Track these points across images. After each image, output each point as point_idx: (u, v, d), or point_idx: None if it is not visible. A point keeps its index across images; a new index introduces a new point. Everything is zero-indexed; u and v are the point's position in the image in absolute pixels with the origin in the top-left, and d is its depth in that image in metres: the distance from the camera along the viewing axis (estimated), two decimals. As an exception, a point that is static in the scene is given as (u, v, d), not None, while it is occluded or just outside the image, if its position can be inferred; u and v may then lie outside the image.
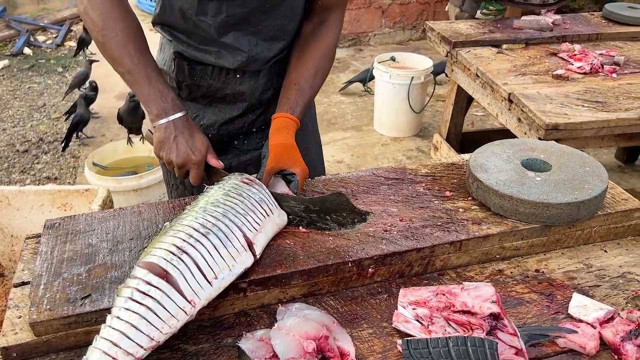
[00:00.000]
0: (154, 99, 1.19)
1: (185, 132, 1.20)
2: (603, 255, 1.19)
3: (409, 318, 0.99)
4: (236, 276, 0.99)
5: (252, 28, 1.29)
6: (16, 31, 5.94)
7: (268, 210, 1.12)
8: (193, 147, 1.20)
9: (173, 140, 1.19)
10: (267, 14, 1.28)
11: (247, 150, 1.47)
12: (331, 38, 1.38)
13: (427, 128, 4.10)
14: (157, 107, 1.19)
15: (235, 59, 1.32)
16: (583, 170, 1.25)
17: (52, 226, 1.17)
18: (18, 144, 3.90)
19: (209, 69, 1.36)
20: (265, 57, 1.35)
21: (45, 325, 0.93)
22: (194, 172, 1.22)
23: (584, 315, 1.00)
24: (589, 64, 2.42)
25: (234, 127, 1.44)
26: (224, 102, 1.41)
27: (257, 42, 1.32)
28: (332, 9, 1.37)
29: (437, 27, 2.90)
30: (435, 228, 1.15)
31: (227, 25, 1.27)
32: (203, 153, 1.21)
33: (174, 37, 1.35)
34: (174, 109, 1.20)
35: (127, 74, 1.21)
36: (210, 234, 0.98)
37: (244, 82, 1.38)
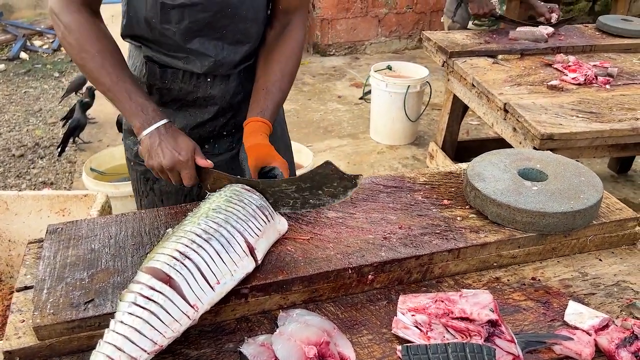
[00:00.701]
0: (136, 113, 1.22)
1: (169, 136, 1.22)
2: (598, 264, 1.21)
3: (408, 324, 1.00)
4: (238, 281, 1.00)
5: (217, 33, 1.32)
6: (13, 36, 5.94)
7: (269, 216, 1.13)
8: (178, 148, 1.21)
9: (158, 145, 1.21)
10: (229, 18, 1.31)
11: (218, 153, 1.48)
12: (295, 41, 1.41)
13: (423, 136, 4.13)
14: (140, 120, 1.22)
15: (202, 64, 1.35)
16: (578, 180, 1.27)
17: (54, 231, 1.18)
18: (14, 148, 3.90)
19: (179, 73, 1.38)
20: (232, 60, 1.37)
21: (48, 330, 0.94)
22: (185, 172, 1.22)
23: (580, 323, 1.02)
24: (583, 75, 2.45)
25: (204, 131, 1.46)
26: (194, 105, 1.43)
27: (223, 47, 1.35)
28: (293, 12, 1.41)
29: (433, 37, 2.94)
30: (434, 236, 1.17)
31: (192, 32, 1.30)
32: (189, 152, 1.22)
33: (143, 44, 1.38)
34: (156, 119, 1.23)
35: (107, 92, 1.24)
36: (213, 239, 0.99)
37: (215, 85, 1.40)
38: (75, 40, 1.23)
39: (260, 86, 1.37)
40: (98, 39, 1.24)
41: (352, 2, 5.56)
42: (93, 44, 1.23)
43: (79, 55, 1.23)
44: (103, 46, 1.24)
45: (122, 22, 1.36)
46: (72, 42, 1.23)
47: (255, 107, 1.35)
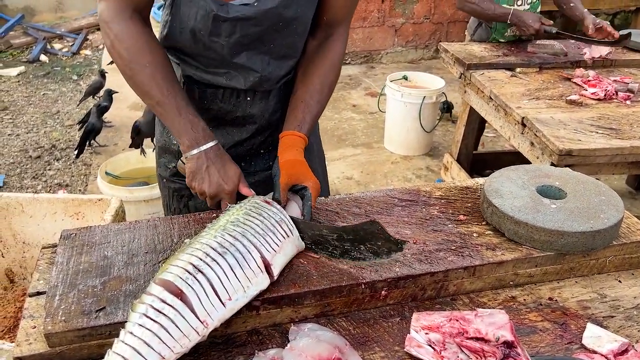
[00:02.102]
0: (185, 130, 1.19)
1: (218, 161, 1.20)
2: (617, 286, 1.18)
3: (422, 343, 0.98)
4: (250, 298, 0.98)
5: (264, 47, 1.29)
6: (33, 38, 6.03)
7: (288, 231, 1.11)
8: (226, 177, 1.20)
9: (205, 170, 1.19)
10: (279, 32, 1.28)
11: (254, 171, 1.46)
12: (336, 53, 1.38)
13: (438, 147, 4.10)
14: (189, 138, 1.19)
15: (247, 80, 1.32)
16: (599, 199, 1.24)
17: (68, 237, 1.18)
18: (31, 149, 3.94)
19: (219, 92, 1.35)
20: (277, 75, 1.35)
21: (59, 337, 0.93)
22: (225, 201, 1.21)
23: (598, 347, 0.99)
24: (603, 90, 2.42)
25: (242, 150, 1.43)
26: (233, 125, 1.40)
27: (269, 61, 1.31)
28: (337, 25, 1.37)
29: (451, 49, 2.92)
30: (449, 252, 1.15)
31: (240, 46, 1.26)
32: (235, 182, 1.21)
33: (181, 60, 1.35)
34: (206, 139, 1.20)
35: (157, 105, 1.21)
36: (228, 253, 0.98)
37: (255, 104, 1.38)
38: (126, 50, 1.18)
39: (298, 98, 1.34)
40: (150, 50, 1.20)
41: (369, 11, 5.56)
42: (145, 54, 1.19)
43: (128, 65, 1.19)
44: (154, 58, 1.20)
45: (162, 33, 1.32)
46: (123, 52, 1.19)
47: (293, 120, 1.31)
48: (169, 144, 1.45)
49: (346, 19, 1.39)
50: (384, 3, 5.55)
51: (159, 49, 1.24)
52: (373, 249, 1.14)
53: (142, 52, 1.19)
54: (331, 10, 1.33)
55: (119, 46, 1.19)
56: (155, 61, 1.20)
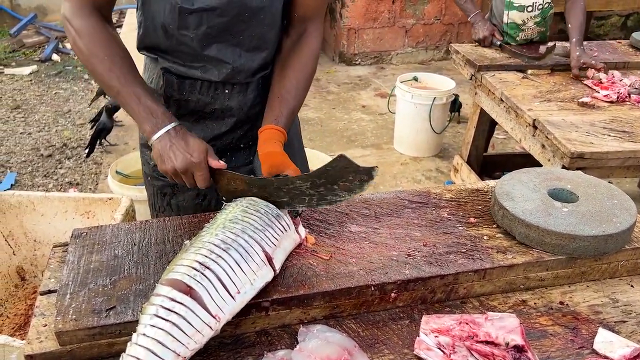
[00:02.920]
0: (145, 117, 1.22)
1: (179, 138, 1.21)
2: (630, 290, 1.17)
3: (431, 346, 0.98)
4: (258, 290, 0.99)
5: (234, 39, 1.31)
6: (45, 37, 6.09)
7: (285, 226, 1.13)
8: (190, 150, 1.20)
9: (169, 149, 1.20)
10: (247, 23, 1.30)
11: (235, 166, 1.46)
12: (310, 49, 1.39)
13: (447, 149, 4.09)
14: (150, 125, 1.21)
15: (220, 72, 1.34)
16: (611, 203, 1.23)
17: (79, 236, 1.19)
18: (42, 148, 3.97)
19: (197, 84, 1.37)
20: (250, 67, 1.36)
21: (70, 335, 0.94)
22: (198, 174, 1.21)
23: (610, 352, 0.98)
24: (616, 92, 2.40)
25: (222, 143, 1.45)
26: (211, 118, 1.42)
27: (241, 53, 1.33)
28: (309, 20, 1.39)
29: (462, 50, 2.91)
30: (460, 255, 1.15)
31: (209, 37, 1.29)
32: (201, 153, 1.21)
33: (159, 56, 1.37)
34: (165, 122, 1.22)
35: (117, 95, 1.24)
36: (231, 249, 0.99)
37: (233, 97, 1.40)
38: (85, 45, 1.23)
39: (275, 94, 1.36)
40: (108, 43, 1.25)
41: (379, 12, 5.55)
42: (102, 48, 1.24)
43: (89, 60, 1.24)
44: (112, 50, 1.25)
45: (138, 33, 1.36)
46: (82, 47, 1.24)
47: (270, 114, 1.34)
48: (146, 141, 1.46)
49: (318, 15, 1.41)
50: (394, 4, 5.54)
51: (117, 42, 1.27)
52: (346, 186, 1.12)
53: (99, 45, 1.23)
54: (302, 6, 1.36)
55: (79, 42, 1.24)
56: (112, 53, 1.24)
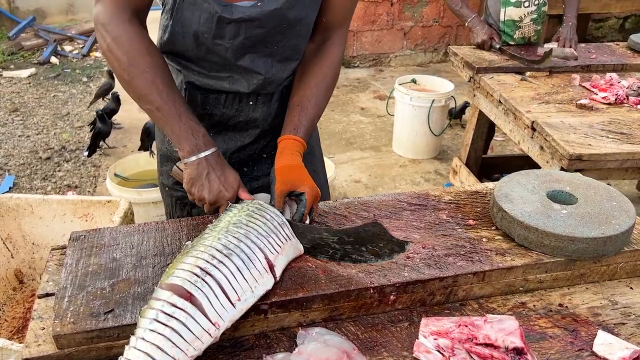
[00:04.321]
0: (186, 136, 1.17)
1: (217, 168, 1.19)
2: (629, 292, 1.17)
3: (430, 348, 0.98)
4: (258, 298, 0.99)
5: (268, 49, 1.28)
6: (44, 40, 6.09)
7: (290, 234, 1.12)
8: (226, 184, 1.18)
9: (206, 177, 1.18)
10: (283, 34, 1.27)
11: (257, 176, 1.45)
12: (334, 56, 1.36)
13: (446, 151, 4.09)
14: (189, 144, 1.17)
15: (250, 83, 1.31)
16: (610, 205, 1.23)
17: (77, 238, 1.19)
18: (41, 151, 3.97)
19: (222, 97, 1.34)
20: (280, 78, 1.34)
21: (68, 339, 0.94)
22: (224, 207, 1.20)
23: (609, 354, 0.98)
24: (614, 94, 2.40)
25: (244, 154, 1.42)
26: (235, 130, 1.39)
27: (272, 64, 1.30)
28: (335, 28, 1.36)
29: (460, 52, 2.91)
30: (459, 257, 1.14)
31: (244, 48, 1.25)
32: (235, 189, 1.20)
33: (182, 66, 1.33)
34: (206, 146, 1.19)
35: (156, 111, 1.18)
36: (233, 255, 0.98)
37: (257, 108, 1.37)
38: (125, 53, 1.16)
39: (295, 102, 1.32)
40: (149, 53, 1.18)
41: (378, 14, 5.56)
42: (144, 58, 1.16)
43: (127, 70, 1.16)
44: (153, 62, 1.18)
45: (162, 38, 1.29)
46: (121, 56, 1.16)
47: (289, 123, 1.30)
48: (171, 152, 1.43)
49: (345, 22, 1.38)
50: (393, 6, 5.55)
51: (158, 53, 1.22)
52: (375, 250, 1.13)
53: (141, 55, 1.17)
54: (330, 12, 1.32)
55: (116, 50, 1.16)
56: (155, 65, 1.18)
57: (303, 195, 1.20)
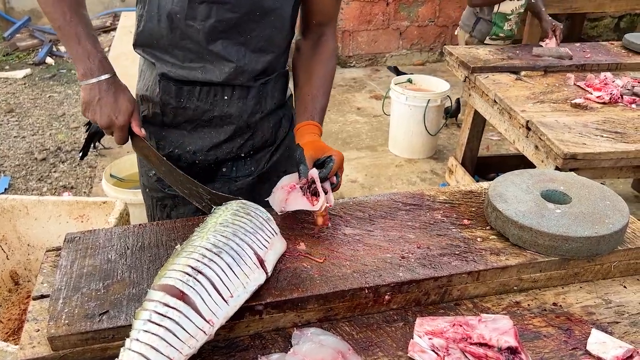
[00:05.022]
0: (81, 59, 1.21)
1: (110, 94, 1.22)
2: (623, 291, 1.18)
3: (425, 348, 0.98)
4: (251, 293, 0.99)
5: (241, 37, 1.30)
6: (39, 41, 6.07)
7: (276, 229, 1.13)
8: (116, 111, 1.22)
9: (97, 102, 1.21)
10: (257, 23, 1.29)
11: (236, 177, 1.45)
12: (329, 48, 1.46)
13: (442, 151, 4.10)
14: (84, 67, 1.21)
15: (222, 71, 1.31)
16: (603, 204, 1.24)
17: (72, 240, 1.18)
18: (36, 152, 3.96)
19: (196, 90, 1.34)
20: (253, 69, 1.34)
21: (63, 340, 0.94)
22: (117, 134, 1.26)
23: (603, 353, 0.99)
24: (609, 93, 2.41)
25: (221, 152, 1.42)
26: (210, 125, 1.39)
27: (246, 53, 1.32)
28: (325, 25, 1.46)
29: (455, 52, 2.92)
30: (453, 257, 1.15)
31: (216, 32, 1.27)
32: (126, 117, 1.24)
33: (157, 58, 1.34)
34: (100, 70, 1.21)
35: (58, 30, 1.22)
36: (223, 252, 0.98)
37: (232, 103, 1.37)
38: None
39: (305, 93, 1.40)
40: None
41: (373, 14, 5.57)
42: None
43: None
44: None
45: (138, 29, 1.33)
46: None
47: (304, 112, 1.37)
48: None
49: (333, 19, 1.48)
50: (388, 6, 5.56)
51: None
52: None
53: None
54: (318, 14, 1.43)
55: None
56: None
57: (331, 157, 1.26)
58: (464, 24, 3.38)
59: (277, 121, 1.49)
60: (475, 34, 3.29)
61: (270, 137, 1.48)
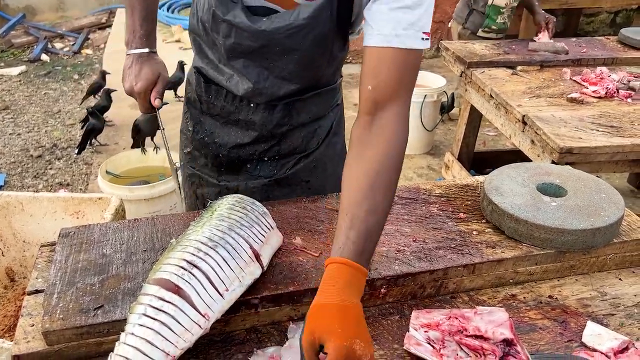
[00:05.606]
0: (128, 30, 1.30)
1: (138, 64, 1.28)
2: (618, 284, 1.18)
3: (421, 341, 0.98)
4: (246, 287, 0.99)
5: (264, 62, 1.25)
6: (34, 38, 6.04)
7: (272, 223, 1.13)
8: (138, 78, 1.28)
9: (128, 69, 1.30)
10: (278, 56, 1.22)
11: (257, 176, 1.43)
12: (389, 139, 1.02)
13: (439, 146, 4.10)
14: (127, 38, 1.31)
15: (242, 87, 1.29)
16: (599, 197, 1.24)
17: (67, 235, 1.18)
18: (32, 149, 3.94)
19: (222, 91, 1.34)
20: (274, 93, 1.29)
21: (57, 335, 0.93)
22: (139, 101, 1.31)
23: (598, 345, 0.99)
24: (604, 88, 2.41)
25: (244, 153, 1.41)
26: (237, 125, 1.38)
27: (268, 77, 1.26)
28: (387, 103, 1.03)
29: (452, 47, 2.92)
30: (449, 250, 1.15)
31: (237, 52, 1.24)
32: (144, 84, 1.27)
33: (199, 49, 1.35)
34: (137, 45, 1.29)
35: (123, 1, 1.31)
36: (219, 246, 0.98)
37: (257, 112, 1.34)
38: None
39: (343, 210, 0.97)
40: None
41: (370, 10, 5.55)
42: None
43: None
44: None
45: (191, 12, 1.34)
46: None
47: (335, 240, 0.95)
48: (185, 127, 1.48)
49: (399, 97, 1.04)
50: (385, 2, 5.54)
51: None
52: None
53: None
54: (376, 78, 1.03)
55: None
56: None
57: None
58: (457, 15, 3.41)
59: (311, 132, 1.39)
60: (468, 26, 3.31)
61: (300, 146, 1.40)
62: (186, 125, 1.47)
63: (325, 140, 1.43)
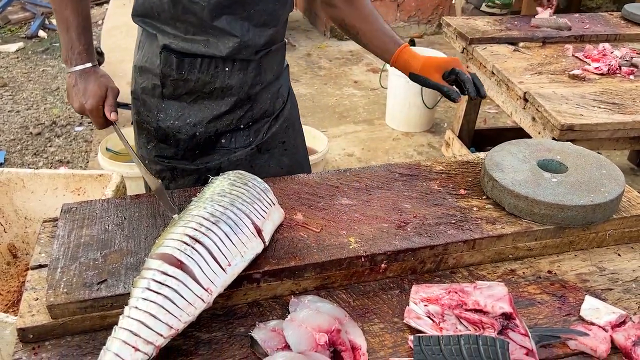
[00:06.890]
0: (65, 47, 1.27)
1: (82, 81, 1.26)
2: (617, 259, 1.19)
3: (421, 314, 0.99)
4: (248, 262, 1.00)
5: (245, 12, 1.29)
6: (31, 14, 5.97)
7: (273, 199, 1.14)
8: (86, 97, 1.25)
9: (72, 89, 1.27)
10: None
11: (235, 148, 1.45)
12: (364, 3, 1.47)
13: (439, 124, 4.09)
14: (65, 55, 1.28)
15: (225, 46, 1.30)
16: (599, 173, 1.24)
17: (69, 210, 1.18)
18: (31, 126, 3.93)
19: (197, 62, 1.33)
20: (256, 43, 1.34)
21: (61, 308, 0.94)
22: (93, 119, 1.29)
23: (596, 318, 1.00)
24: (607, 64, 2.39)
25: (221, 124, 1.42)
26: (210, 97, 1.38)
27: (249, 28, 1.31)
28: None
29: (453, 23, 2.88)
30: (449, 226, 1.15)
31: (220, 7, 1.25)
32: (94, 101, 1.25)
33: (158, 30, 1.32)
34: (77, 61, 1.26)
35: (54, 12, 1.28)
36: (220, 222, 0.99)
37: (233, 75, 1.36)
38: None
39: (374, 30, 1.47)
40: None
41: (371, -15, 5.48)
42: None
43: None
44: None
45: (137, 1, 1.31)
46: None
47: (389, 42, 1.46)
48: (144, 122, 1.43)
49: None
50: (386, -23, 5.47)
51: None
52: None
53: None
54: None
55: None
56: None
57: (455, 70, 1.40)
58: None
59: (275, 92, 1.48)
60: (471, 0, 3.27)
61: (269, 108, 1.48)
62: (145, 119, 1.43)
63: (288, 99, 1.55)
